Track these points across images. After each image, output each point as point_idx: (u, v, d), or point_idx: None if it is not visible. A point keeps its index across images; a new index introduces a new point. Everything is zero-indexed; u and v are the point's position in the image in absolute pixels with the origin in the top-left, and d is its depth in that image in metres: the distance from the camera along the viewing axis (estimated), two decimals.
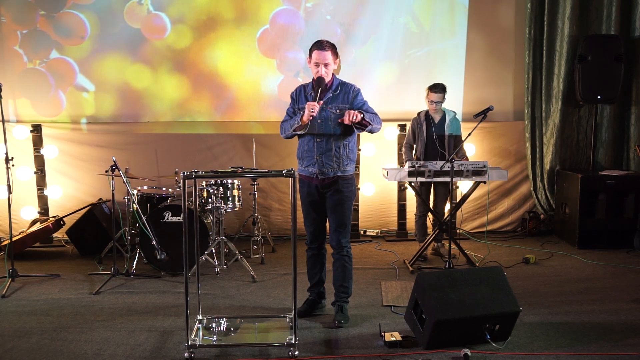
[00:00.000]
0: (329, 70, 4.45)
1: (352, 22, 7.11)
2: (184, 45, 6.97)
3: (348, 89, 4.53)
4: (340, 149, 4.51)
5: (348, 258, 4.67)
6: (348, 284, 4.69)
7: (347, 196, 4.55)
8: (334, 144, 4.49)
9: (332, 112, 4.47)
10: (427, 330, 3.93)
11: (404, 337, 4.08)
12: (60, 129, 6.99)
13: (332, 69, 4.48)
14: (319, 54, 4.40)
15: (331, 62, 4.43)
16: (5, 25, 6.84)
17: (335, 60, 4.49)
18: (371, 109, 4.54)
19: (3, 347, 4.09)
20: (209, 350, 3.99)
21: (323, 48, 4.41)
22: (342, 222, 4.57)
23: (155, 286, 5.45)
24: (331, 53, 4.42)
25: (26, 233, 6.43)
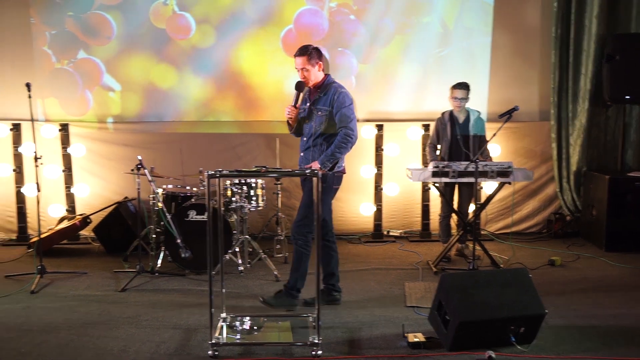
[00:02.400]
0: (309, 75, 4.74)
1: (376, 22, 7.09)
2: (208, 45, 7.02)
3: (333, 91, 4.73)
4: (323, 146, 4.75)
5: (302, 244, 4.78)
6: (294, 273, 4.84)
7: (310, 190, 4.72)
8: (313, 142, 4.77)
9: (316, 113, 4.75)
10: (451, 332, 3.91)
11: (427, 338, 4.06)
12: (87, 128, 7.08)
13: (315, 72, 4.74)
14: (294, 60, 4.77)
15: (308, 67, 4.71)
16: (35, 26, 6.95)
17: (314, 64, 4.72)
18: (345, 120, 4.66)
19: (32, 342, 4.17)
20: (232, 349, 4.02)
21: (296, 54, 4.75)
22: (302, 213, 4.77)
23: (180, 284, 5.50)
24: (305, 58, 4.70)
25: (54, 230, 6.53)
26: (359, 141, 7.00)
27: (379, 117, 7.19)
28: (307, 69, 4.74)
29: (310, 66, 4.73)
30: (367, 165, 7.16)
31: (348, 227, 7.30)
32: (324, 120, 4.75)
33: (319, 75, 4.80)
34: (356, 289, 5.36)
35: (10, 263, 6.19)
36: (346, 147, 4.69)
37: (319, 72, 4.80)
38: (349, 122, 4.67)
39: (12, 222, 7.06)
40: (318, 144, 4.78)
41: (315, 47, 4.82)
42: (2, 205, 7.06)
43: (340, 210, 7.26)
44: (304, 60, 4.72)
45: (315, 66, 4.75)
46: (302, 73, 4.76)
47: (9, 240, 7.02)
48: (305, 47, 4.77)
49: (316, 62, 4.75)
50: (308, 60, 4.72)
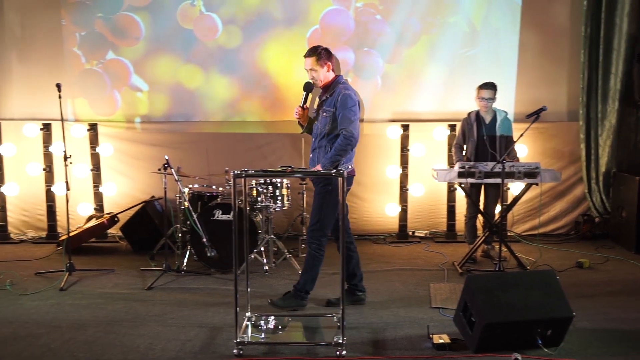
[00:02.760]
0: (317, 75, 4.76)
1: (403, 22, 7.07)
2: (234, 45, 7.06)
3: (337, 92, 4.72)
4: (327, 148, 4.72)
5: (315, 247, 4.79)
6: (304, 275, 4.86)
7: (319, 191, 4.74)
8: (318, 143, 4.79)
9: (322, 114, 4.77)
10: (477, 333, 3.88)
11: (452, 340, 4.04)
12: (116, 128, 7.17)
13: (324, 73, 4.76)
14: (304, 61, 4.78)
15: (317, 67, 4.73)
16: (65, 28, 7.06)
17: (322, 64, 4.74)
18: (345, 122, 4.63)
19: (61, 338, 4.23)
20: (257, 348, 4.04)
21: (305, 55, 4.78)
22: (313, 216, 4.77)
23: (205, 283, 5.54)
24: (314, 59, 4.73)
25: (82, 229, 6.63)
26: (385, 141, 7.11)
27: (404, 118, 7.16)
28: (316, 70, 4.76)
29: (319, 67, 4.74)
30: (392, 166, 7.14)
31: (373, 228, 7.29)
32: (328, 122, 4.73)
33: (328, 75, 4.80)
34: (381, 290, 5.35)
35: (40, 260, 6.30)
36: (346, 150, 4.64)
37: (328, 73, 4.80)
38: (349, 124, 4.62)
39: (42, 221, 7.18)
40: (323, 145, 4.77)
41: (324, 47, 4.83)
42: (32, 203, 7.19)
43: (365, 210, 7.26)
44: (312, 61, 4.75)
45: (324, 67, 4.76)
46: (311, 74, 4.78)
47: (39, 238, 7.14)
48: (314, 47, 4.80)
49: (325, 62, 4.75)
50: (317, 61, 4.74)
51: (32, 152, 7.06)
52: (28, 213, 7.23)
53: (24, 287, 5.40)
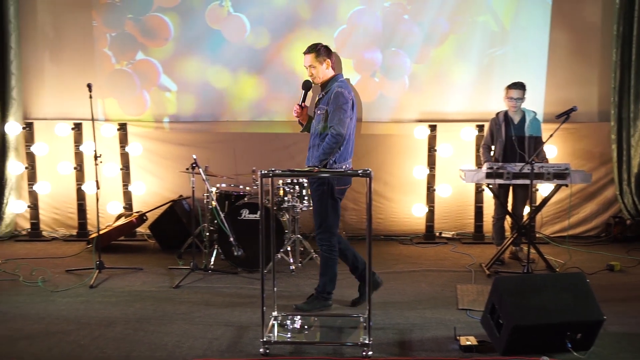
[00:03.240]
0: (316, 73, 4.75)
1: (430, 21, 7.03)
2: (262, 46, 7.09)
3: (331, 91, 4.69)
4: (320, 146, 4.66)
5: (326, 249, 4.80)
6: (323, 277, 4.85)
7: (315, 193, 4.73)
8: (313, 141, 4.76)
9: (317, 112, 4.76)
10: (504, 336, 3.84)
11: (479, 342, 4.01)
12: (145, 128, 7.25)
13: (322, 70, 4.75)
14: (304, 57, 4.79)
15: (315, 64, 4.73)
16: (96, 29, 7.16)
17: (321, 61, 4.73)
18: (334, 120, 4.59)
19: (91, 335, 4.30)
20: (283, 347, 4.05)
21: (305, 52, 4.78)
22: (316, 219, 4.78)
23: (232, 282, 5.57)
24: (312, 56, 4.73)
25: (112, 227, 6.71)
26: (412, 141, 7.08)
27: (432, 118, 7.12)
28: (315, 66, 4.75)
29: (318, 63, 4.73)
30: (419, 166, 7.11)
31: (400, 228, 7.26)
32: (322, 119, 4.71)
33: (327, 73, 4.78)
34: (407, 291, 5.33)
35: (70, 258, 6.40)
36: (332, 148, 4.59)
37: (327, 70, 4.78)
38: (338, 122, 4.57)
39: (72, 219, 7.29)
40: (317, 144, 4.73)
41: (324, 45, 4.82)
42: (63, 202, 7.30)
43: (392, 210, 7.24)
44: (311, 58, 4.74)
45: (322, 64, 4.74)
46: (310, 70, 4.77)
47: (69, 235, 7.26)
48: (314, 44, 4.80)
49: (324, 59, 4.74)
50: (316, 58, 4.73)
51: (63, 151, 7.17)
52: (59, 211, 7.35)
53: (55, 284, 5.50)
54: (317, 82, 4.82)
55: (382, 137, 7.17)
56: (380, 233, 7.19)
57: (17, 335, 4.30)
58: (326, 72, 4.77)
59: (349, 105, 4.66)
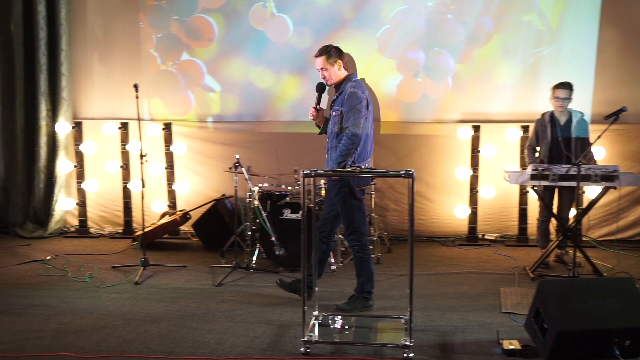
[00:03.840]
0: (329, 75, 4.77)
1: (474, 20, 6.95)
2: (305, 46, 7.11)
3: (345, 92, 4.71)
4: (338, 148, 4.67)
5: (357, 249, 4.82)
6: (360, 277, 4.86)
7: (337, 196, 4.73)
8: (331, 143, 4.78)
9: (332, 113, 4.78)
10: (549, 341, 3.77)
11: (523, 346, 3.95)
12: (189, 127, 7.35)
13: (334, 72, 4.77)
14: (315, 60, 4.82)
15: (327, 66, 4.75)
16: (143, 30, 7.30)
17: (333, 63, 4.76)
18: (349, 121, 4.63)
19: (136, 330, 4.39)
20: (324, 347, 4.06)
21: (316, 54, 4.81)
22: (344, 221, 4.80)
23: (273, 281, 5.59)
24: (323, 58, 4.76)
25: (156, 225, 6.84)
26: (455, 142, 7.02)
27: (475, 118, 7.04)
28: (327, 69, 4.77)
29: (329, 65, 4.76)
30: (462, 167, 7.03)
31: (442, 229, 7.20)
32: (337, 121, 4.73)
33: (339, 74, 4.80)
34: (449, 293, 5.28)
35: (116, 255, 6.54)
36: (349, 150, 4.62)
37: (340, 71, 4.80)
38: (353, 123, 4.60)
39: (118, 216, 7.45)
40: (334, 145, 4.75)
41: (335, 46, 4.85)
42: (110, 199, 7.46)
43: (434, 212, 7.19)
44: (322, 60, 4.77)
45: (334, 65, 4.77)
46: (322, 73, 4.80)
47: (115, 233, 7.41)
48: (324, 46, 4.82)
49: (335, 60, 4.77)
50: (327, 60, 4.76)
51: (110, 150, 7.33)
52: (106, 209, 7.51)
53: (101, 280, 5.63)
54: (330, 84, 4.85)
55: (424, 138, 7.12)
56: (421, 234, 7.15)
57: (66, 329, 4.42)
58: (338, 73, 4.80)
59: (363, 104, 4.68)
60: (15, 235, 7.20)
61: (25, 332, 4.35)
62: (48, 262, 6.18)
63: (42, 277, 5.73)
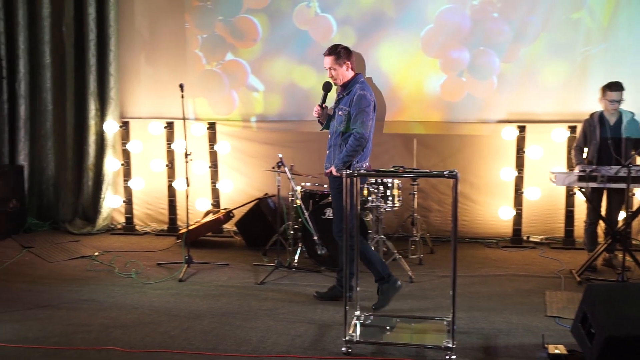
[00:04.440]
0: (337, 75, 4.86)
1: (521, 19, 6.84)
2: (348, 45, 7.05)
3: (353, 93, 4.79)
4: (341, 147, 4.80)
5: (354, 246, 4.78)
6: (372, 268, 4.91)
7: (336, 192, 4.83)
8: (334, 141, 4.88)
9: (338, 112, 4.87)
10: (597, 347, 3.68)
11: (569, 351, 3.87)
12: (233, 127, 7.43)
13: (343, 72, 4.85)
14: (324, 59, 4.89)
15: (335, 66, 4.82)
16: (189, 31, 7.41)
17: (341, 63, 4.83)
18: (357, 122, 4.72)
19: (180, 326, 4.46)
20: (365, 347, 4.06)
21: (325, 53, 4.88)
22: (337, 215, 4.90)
23: (315, 280, 5.62)
24: (333, 58, 4.83)
25: (200, 223, 6.93)
26: (500, 142, 6.92)
27: (521, 118, 6.92)
28: (335, 68, 4.85)
29: (338, 65, 4.84)
30: (507, 168, 6.93)
31: (485, 231, 7.11)
32: (343, 120, 4.83)
33: (347, 74, 4.89)
34: (493, 295, 5.21)
35: (161, 252, 6.66)
36: (356, 150, 4.74)
37: (348, 72, 4.89)
38: (361, 125, 4.71)
39: (163, 214, 7.57)
40: (337, 143, 4.85)
41: (344, 46, 4.93)
42: (155, 198, 7.60)
43: (477, 213, 7.10)
44: (331, 60, 4.84)
45: (342, 65, 4.85)
46: (330, 72, 4.88)
47: (160, 230, 7.54)
48: (333, 46, 4.91)
49: (344, 61, 4.85)
50: (335, 60, 4.83)
51: (156, 149, 7.46)
52: (151, 207, 7.65)
53: (147, 276, 5.74)
54: (337, 84, 4.95)
55: (468, 138, 7.04)
56: (465, 235, 7.07)
57: (113, 324, 4.52)
58: (346, 73, 4.89)
59: (371, 107, 4.82)
60: (65, 232, 7.39)
61: (74, 326, 4.47)
62: (96, 258, 6.33)
63: (90, 272, 5.88)
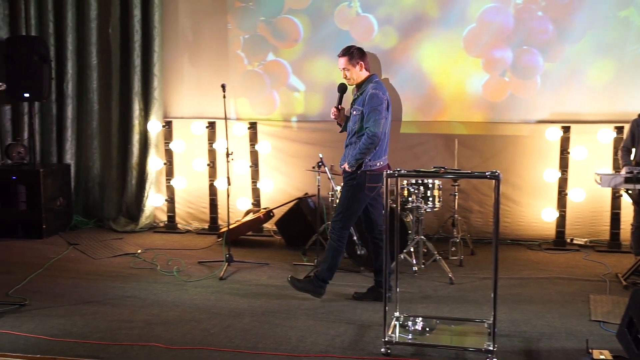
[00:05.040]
0: (350, 75, 4.94)
1: (566, 17, 6.71)
2: (389, 46, 7.09)
3: (366, 92, 4.87)
4: (357, 144, 4.87)
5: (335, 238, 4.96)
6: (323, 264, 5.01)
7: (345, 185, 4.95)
8: (349, 140, 4.97)
9: (352, 112, 4.96)
10: None
11: (615, 357, 3.79)
12: (273, 127, 7.48)
13: (357, 72, 4.93)
14: (338, 60, 4.98)
15: (349, 67, 4.91)
16: (231, 32, 7.48)
17: (355, 64, 4.91)
18: (370, 121, 4.79)
19: (220, 324, 4.52)
20: (404, 348, 4.04)
21: (339, 54, 4.97)
22: (338, 207, 5.00)
23: (355, 280, 5.62)
24: (346, 59, 4.91)
25: (241, 222, 7.00)
26: (543, 143, 6.81)
27: (565, 119, 6.79)
28: (349, 69, 4.93)
29: (351, 66, 4.92)
30: (550, 169, 6.81)
31: (527, 233, 6.99)
32: (357, 120, 4.90)
33: (361, 74, 4.96)
34: (534, 298, 5.13)
35: (202, 250, 6.74)
36: (369, 149, 4.81)
37: (362, 72, 4.96)
38: (374, 123, 4.78)
39: (205, 213, 7.67)
40: (353, 142, 4.93)
41: (357, 47, 5.00)
42: (197, 196, 7.70)
43: (520, 214, 6.99)
44: (345, 61, 4.93)
45: (356, 66, 4.93)
46: (344, 73, 4.96)
47: (201, 229, 7.63)
48: (347, 47, 4.99)
49: (357, 62, 4.92)
50: (349, 61, 4.91)
51: (198, 148, 7.56)
52: (193, 205, 7.75)
53: (188, 274, 5.82)
54: (351, 84, 5.04)
55: (511, 138, 6.94)
56: (506, 237, 6.97)
57: (155, 320, 4.61)
58: (360, 73, 4.96)
59: (384, 106, 4.86)
60: (109, 229, 7.55)
61: (118, 322, 4.56)
62: (139, 255, 6.45)
63: (133, 269, 5.99)
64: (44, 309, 4.84)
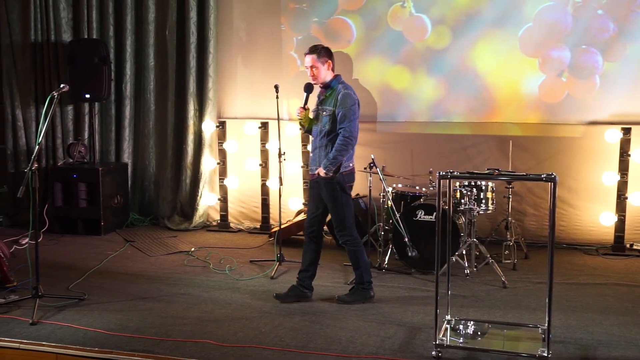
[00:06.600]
0: (317, 73, 4.90)
1: (628, 15, 6.50)
2: (443, 46, 7.02)
3: (337, 92, 4.85)
4: (328, 147, 4.85)
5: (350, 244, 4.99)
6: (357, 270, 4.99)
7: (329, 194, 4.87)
8: (319, 142, 4.93)
9: (322, 113, 4.91)
10: None
11: None
12: None
13: (323, 71, 4.89)
14: (305, 58, 4.95)
15: (317, 65, 4.87)
16: (284, 33, 7.55)
17: (323, 62, 4.87)
18: (344, 121, 4.78)
19: (271, 323, 4.57)
20: (455, 352, 4.01)
21: (306, 52, 4.94)
22: (335, 218, 4.96)
23: (405, 282, 5.59)
24: (314, 57, 4.87)
25: (292, 222, 7.04)
26: (602, 145, 6.64)
27: (625, 120, 6.59)
28: (316, 67, 4.89)
29: (320, 64, 4.88)
30: (609, 172, 6.61)
31: (584, 237, 6.81)
32: (328, 120, 4.87)
33: (327, 74, 4.93)
34: (591, 304, 4.99)
35: (254, 249, 6.82)
36: (346, 149, 4.80)
37: (328, 72, 4.94)
38: (349, 123, 4.77)
39: (257, 212, 7.75)
40: (323, 144, 4.90)
41: (324, 46, 4.98)
42: (249, 196, 7.79)
43: (577, 218, 6.82)
44: (312, 59, 4.89)
45: (324, 65, 4.90)
46: (312, 71, 4.92)
47: (253, 228, 7.72)
48: (314, 45, 4.97)
49: (325, 60, 4.90)
50: (317, 59, 4.88)
51: (250, 148, 7.64)
52: (245, 205, 7.85)
53: (240, 272, 5.90)
54: (317, 83, 5.00)
55: (568, 140, 6.78)
56: (562, 241, 6.80)
57: (207, 317, 4.69)
58: (326, 73, 4.94)
59: (357, 106, 4.91)
60: (164, 227, 7.71)
61: (172, 318, 4.67)
62: (192, 253, 6.58)
63: (186, 267, 6.11)
64: (102, 303, 4.99)
